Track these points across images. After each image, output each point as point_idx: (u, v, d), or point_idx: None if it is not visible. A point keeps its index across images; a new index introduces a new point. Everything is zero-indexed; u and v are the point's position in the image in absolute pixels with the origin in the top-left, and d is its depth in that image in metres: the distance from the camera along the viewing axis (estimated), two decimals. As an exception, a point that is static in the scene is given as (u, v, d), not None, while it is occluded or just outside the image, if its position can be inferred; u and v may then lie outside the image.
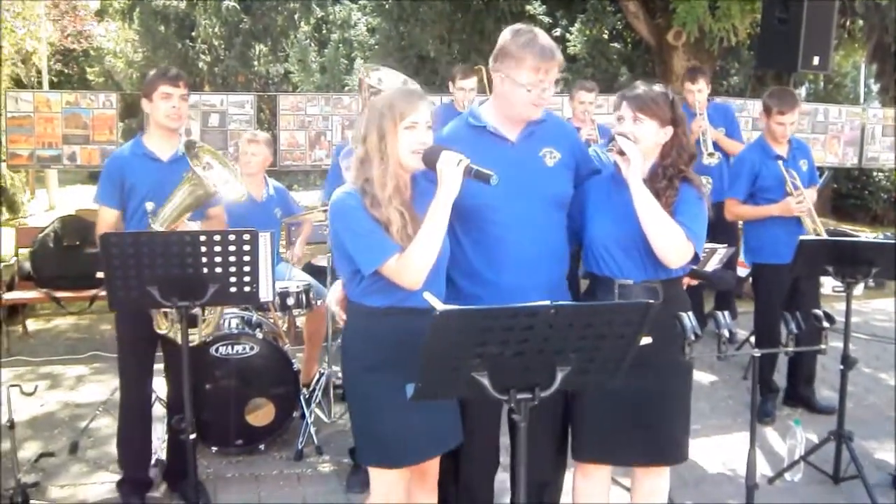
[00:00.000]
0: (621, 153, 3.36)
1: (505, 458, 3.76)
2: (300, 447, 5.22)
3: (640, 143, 3.38)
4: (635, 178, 3.33)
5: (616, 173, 3.47)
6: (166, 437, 4.84)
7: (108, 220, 4.44)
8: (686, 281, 3.69)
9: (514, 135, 3.44)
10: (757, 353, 3.90)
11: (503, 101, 3.41)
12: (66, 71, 24.53)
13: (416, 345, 2.95)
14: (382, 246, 3.07)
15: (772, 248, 5.76)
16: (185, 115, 4.55)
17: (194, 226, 4.40)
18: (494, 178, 3.04)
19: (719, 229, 7.30)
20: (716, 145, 7.37)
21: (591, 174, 3.59)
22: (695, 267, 3.62)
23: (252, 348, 5.12)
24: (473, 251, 3.41)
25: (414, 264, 3.07)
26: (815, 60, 7.33)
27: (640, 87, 3.46)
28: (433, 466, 3.45)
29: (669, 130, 3.42)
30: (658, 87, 3.49)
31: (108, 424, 5.59)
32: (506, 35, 3.36)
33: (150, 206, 4.26)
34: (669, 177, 3.41)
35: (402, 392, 2.95)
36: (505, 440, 3.63)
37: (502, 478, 3.84)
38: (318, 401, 5.67)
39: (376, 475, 3.31)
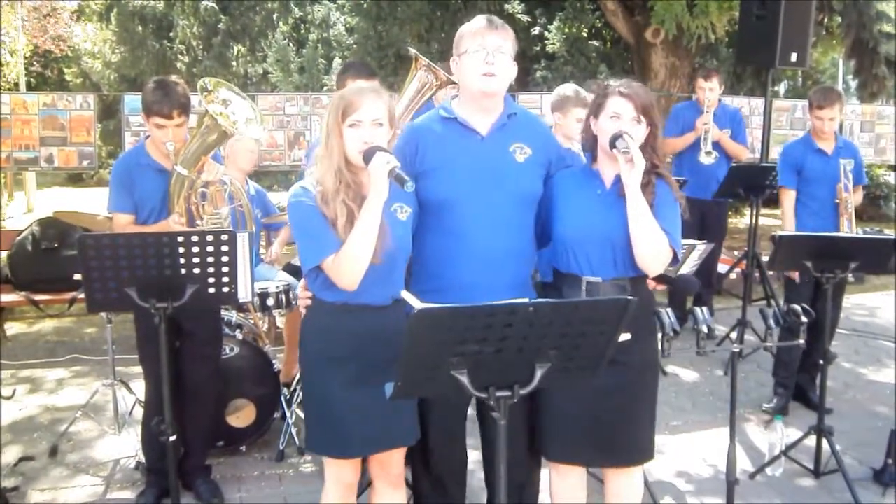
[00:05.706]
0: (626, 153, 3.26)
1: (476, 455, 3.76)
2: (281, 448, 5.20)
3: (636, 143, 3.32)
4: (636, 185, 3.27)
5: (587, 167, 3.44)
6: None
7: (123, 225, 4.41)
8: (652, 284, 3.66)
9: (484, 128, 3.40)
10: (736, 348, 3.93)
11: (462, 86, 3.43)
12: (46, 73, 24.33)
13: (369, 341, 3.13)
14: (323, 243, 3.10)
15: None
16: (182, 137, 4.38)
17: (219, 167, 4.45)
18: (409, 186, 3.03)
19: (707, 226, 7.38)
20: (718, 146, 7.41)
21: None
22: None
23: (232, 349, 5.10)
24: (437, 247, 3.38)
25: (346, 265, 3.08)
26: (793, 57, 7.37)
27: (636, 86, 3.39)
28: (397, 462, 3.46)
29: (647, 129, 3.38)
30: (643, 87, 3.44)
31: (88, 428, 5.56)
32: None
33: (170, 145, 4.28)
34: (647, 171, 3.36)
35: (356, 385, 3.14)
36: (471, 439, 3.63)
37: (479, 476, 3.83)
38: (298, 401, 5.63)
39: (327, 464, 3.42)
